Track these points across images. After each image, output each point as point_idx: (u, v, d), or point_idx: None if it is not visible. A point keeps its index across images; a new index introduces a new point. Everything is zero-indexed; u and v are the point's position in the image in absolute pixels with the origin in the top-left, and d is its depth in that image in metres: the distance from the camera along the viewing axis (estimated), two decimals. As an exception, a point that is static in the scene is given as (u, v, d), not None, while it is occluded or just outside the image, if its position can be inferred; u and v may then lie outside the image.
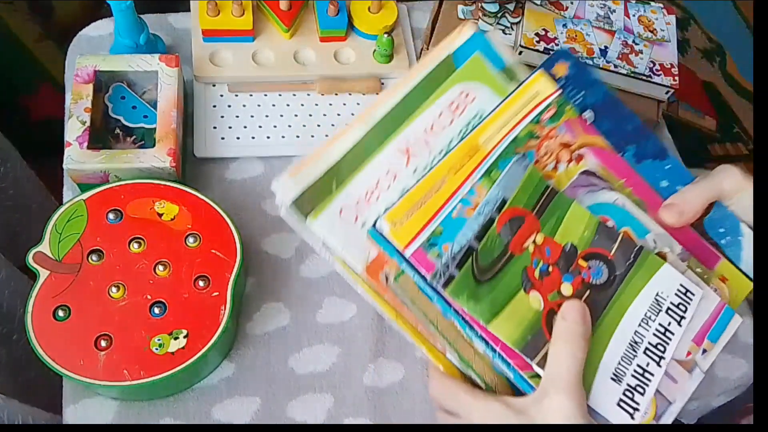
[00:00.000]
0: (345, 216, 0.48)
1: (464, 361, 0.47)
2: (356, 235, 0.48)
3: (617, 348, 0.46)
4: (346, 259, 0.48)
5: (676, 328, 0.47)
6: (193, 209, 0.58)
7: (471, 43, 0.53)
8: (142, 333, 0.53)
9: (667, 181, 0.52)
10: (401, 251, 0.45)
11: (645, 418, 0.45)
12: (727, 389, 0.65)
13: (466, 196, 0.48)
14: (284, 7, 0.72)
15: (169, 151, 0.60)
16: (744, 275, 0.51)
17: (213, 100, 0.70)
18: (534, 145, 0.50)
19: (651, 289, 0.47)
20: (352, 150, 0.50)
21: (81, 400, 0.56)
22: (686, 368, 0.47)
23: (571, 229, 0.48)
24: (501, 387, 0.47)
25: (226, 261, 0.56)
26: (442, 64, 0.53)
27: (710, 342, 0.48)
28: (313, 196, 0.48)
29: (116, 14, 0.64)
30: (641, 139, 0.53)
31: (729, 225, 0.51)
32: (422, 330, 0.48)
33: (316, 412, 0.58)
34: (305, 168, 0.49)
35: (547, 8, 0.74)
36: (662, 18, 0.76)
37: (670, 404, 0.46)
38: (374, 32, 0.74)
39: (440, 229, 0.46)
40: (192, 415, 0.57)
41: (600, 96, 0.53)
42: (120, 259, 0.55)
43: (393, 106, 0.52)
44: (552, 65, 0.53)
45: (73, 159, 0.58)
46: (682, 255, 0.50)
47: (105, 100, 0.65)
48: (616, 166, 0.52)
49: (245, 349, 0.60)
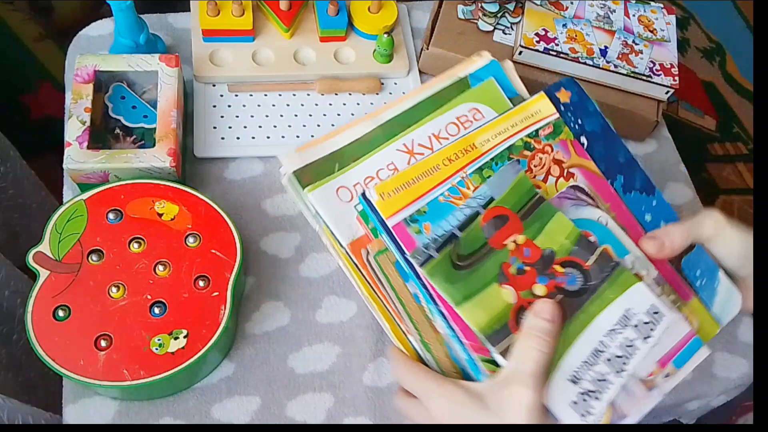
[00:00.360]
0: (341, 194, 0.52)
1: (424, 344, 0.49)
2: (348, 213, 0.51)
3: (580, 352, 0.47)
4: (334, 233, 0.51)
5: (641, 345, 0.48)
6: (193, 209, 0.58)
7: (487, 69, 0.57)
8: (142, 333, 0.53)
9: (651, 215, 0.54)
10: (384, 220, 0.48)
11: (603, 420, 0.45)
12: (727, 389, 0.65)
13: (456, 186, 0.50)
14: (284, 6, 0.72)
15: (169, 151, 0.60)
16: (712, 319, 0.52)
17: (213, 100, 0.70)
18: (528, 155, 0.53)
19: (621, 303, 0.49)
20: (358, 141, 0.54)
21: (81, 399, 0.56)
22: (646, 387, 0.48)
23: (552, 236, 0.49)
24: (453, 376, 0.48)
25: (226, 261, 0.56)
26: (457, 82, 0.57)
27: (674, 367, 0.49)
28: (314, 172, 0.52)
29: (116, 14, 0.64)
30: (631, 171, 0.55)
31: (706, 269, 0.53)
32: (391, 309, 0.50)
33: (316, 412, 0.58)
34: (312, 147, 0.53)
35: (547, 8, 0.74)
36: (662, 18, 0.76)
37: (625, 418, 0.47)
38: (374, 32, 0.74)
39: (425, 209, 0.49)
40: (192, 415, 0.57)
41: (597, 126, 0.56)
42: (120, 259, 0.55)
43: (403, 111, 0.55)
44: (557, 90, 0.56)
45: (73, 159, 0.58)
46: (658, 279, 0.51)
47: (105, 99, 0.65)
48: (604, 191, 0.54)
49: (245, 348, 0.60)
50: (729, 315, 0.52)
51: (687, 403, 0.65)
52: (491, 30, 0.74)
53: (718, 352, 0.65)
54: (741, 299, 0.52)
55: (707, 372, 0.65)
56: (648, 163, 0.75)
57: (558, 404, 0.45)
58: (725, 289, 0.52)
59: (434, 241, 0.47)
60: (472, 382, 0.46)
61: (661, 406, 0.63)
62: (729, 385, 0.65)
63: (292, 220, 0.66)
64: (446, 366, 0.49)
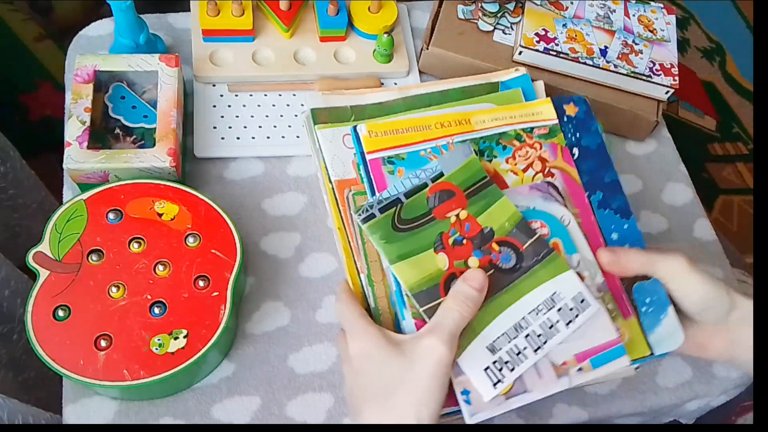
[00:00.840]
0: (346, 141, 0.57)
1: (370, 280, 0.53)
2: (346, 157, 0.56)
3: (502, 324, 0.50)
4: (328, 168, 0.56)
5: (562, 328, 0.50)
6: (193, 209, 0.58)
7: (518, 80, 0.62)
8: (142, 333, 0.53)
9: (618, 235, 0.56)
10: (365, 153, 0.54)
11: (499, 391, 0.48)
12: (727, 389, 0.65)
13: (440, 147, 0.55)
14: (284, 6, 0.72)
15: (169, 150, 0.60)
16: (646, 343, 0.53)
17: (213, 100, 0.70)
18: (516, 145, 0.57)
19: (550, 286, 0.52)
20: (380, 105, 0.59)
21: (81, 399, 0.56)
22: (556, 372, 0.50)
23: (494, 216, 0.53)
24: (385, 317, 0.52)
25: (226, 261, 0.56)
26: (488, 84, 0.61)
27: (590, 365, 0.51)
28: (331, 116, 0.58)
29: (116, 14, 0.64)
30: (612, 192, 0.57)
31: (657, 300, 0.53)
32: (353, 246, 0.54)
33: (316, 412, 0.58)
34: (336, 95, 0.59)
35: (547, 8, 0.74)
36: (662, 18, 0.76)
37: (526, 393, 0.49)
38: (374, 32, 0.74)
39: (405, 156, 0.54)
40: (192, 415, 0.57)
41: (593, 144, 0.59)
42: (120, 258, 0.55)
43: (430, 92, 0.60)
44: (567, 102, 0.60)
45: (73, 159, 0.58)
46: (601, 287, 0.53)
47: (105, 99, 0.65)
48: (578, 198, 0.56)
49: (245, 348, 0.60)
50: (664, 348, 0.53)
51: (687, 403, 0.65)
52: (491, 30, 0.74)
53: (718, 352, 0.65)
54: (682, 340, 0.52)
55: (707, 372, 0.65)
56: (648, 163, 0.75)
57: (473, 367, 0.49)
58: (670, 324, 0.53)
59: (378, 202, 0.52)
60: (395, 333, 0.50)
61: (660, 406, 0.63)
62: (729, 385, 0.65)
63: (292, 220, 0.66)
64: (383, 305, 0.53)
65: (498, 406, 0.48)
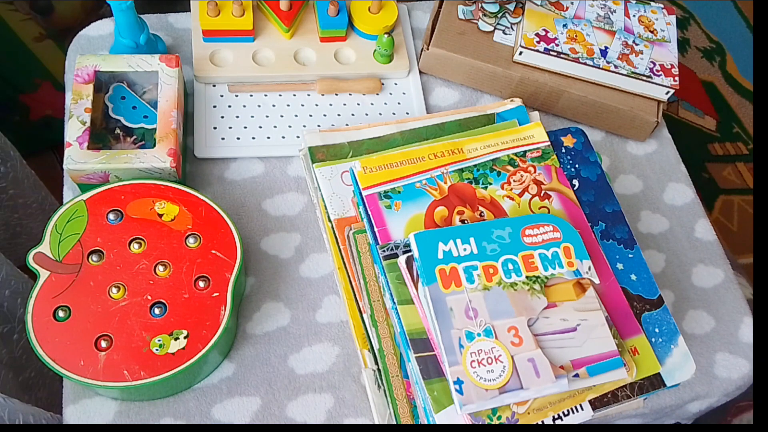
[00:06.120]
0: (344, 178, 0.58)
1: (373, 320, 0.54)
2: (345, 194, 0.57)
3: None
4: (327, 207, 0.57)
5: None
6: (193, 209, 0.58)
7: (514, 111, 0.64)
8: (143, 333, 0.53)
9: (623, 265, 0.57)
10: (361, 189, 0.55)
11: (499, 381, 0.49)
12: (728, 390, 0.65)
13: (435, 178, 0.56)
14: (284, 7, 0.72)
15: (169, 151, 0.60)
16: (655, 359, 0.53)
17: (213, 100, 0.70)
18: (510, 170, 0.58)
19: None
20: (377, 139, 0.60)
21: (81, 399, 0.56)
22: (555, 374, 0.51)
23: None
24: (390, 358, 0.54)
25: (226, 261, 0.56)
26: (485, 116, 0.62)
27: (587, 372, 0.51)
28: (328, 153, 0.59)
29: (116, 14, 0.64)
30: (614, 222, 0.58)
31: (666, 330, 0.55)
32: (355, 285, 0.55)
33: (316, 412, 0.58)
34: (334, 132, 0.60)
35: (547, 8, 0.74)
36: (662, 18, 0.76)
37: (521, 389, 0.49)
38: (374, 32, 0.74)
39: (401, 189, 0.55)
40: (192, 415, 0.57)
41: (593, 175, 0.60)
42: (120, 259, 0.55)
43: (427, 125, 0.61)
44: (564, 134, 0.61)
45: (73, 159, 0.58)
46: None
47: (105, 100, 0.65)
48: (578, 219, 0.57)
49: (245, 349, 0.60)
50: (677, 379, 0.54)
51: (688, 404, 0.65)
52: (491, 30, 0.74)
53: (719, 352, 0.65)
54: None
55: (708, 373, 0.64)
56: (648, 164, 0.75)
57: None
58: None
59: (405, 245, 0.52)
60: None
61: (662, 407, 0.63)
62: (730, 387, 0.65)
63: (292, 221, 0.66)
64: (387, 346, 0.53)
65: (491, 400, 0.49)
